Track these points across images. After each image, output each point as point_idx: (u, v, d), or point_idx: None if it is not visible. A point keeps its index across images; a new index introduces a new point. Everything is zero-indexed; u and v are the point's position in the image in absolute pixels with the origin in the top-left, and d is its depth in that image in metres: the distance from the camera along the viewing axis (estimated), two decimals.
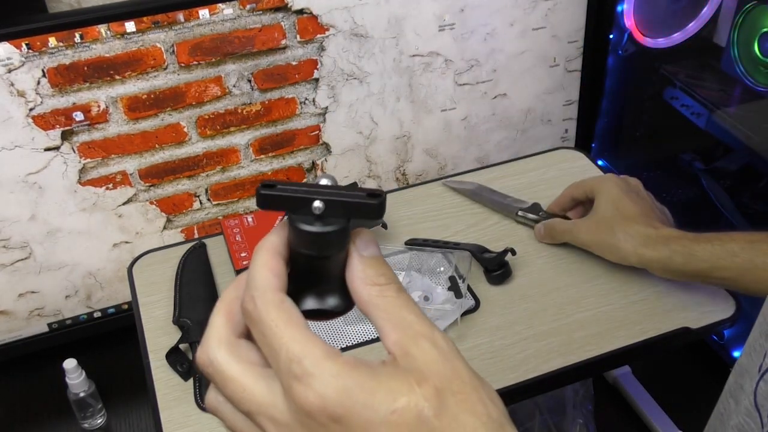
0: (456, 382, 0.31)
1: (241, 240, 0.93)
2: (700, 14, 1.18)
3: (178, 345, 0.81)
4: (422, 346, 0.32)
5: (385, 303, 0.33)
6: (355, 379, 0.30)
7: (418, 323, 0.33)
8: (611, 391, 1.33)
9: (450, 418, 0.30)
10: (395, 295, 0.34)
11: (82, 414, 1.20)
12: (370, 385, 0.30)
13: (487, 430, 0.30)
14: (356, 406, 0.30)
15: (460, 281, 0.86)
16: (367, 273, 0.34)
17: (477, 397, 0.31)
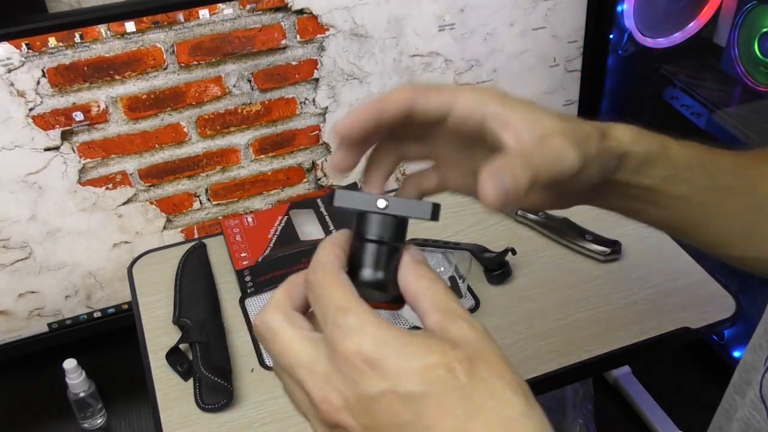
0: (488, 354, 0.34)
1: (241, 240, 0.93)
2: (700, 14, 1.18)
3: (178, 345, 0.81)
4: (460, 324, 0.35)
5: (432, 293, 0.37)
6: (393, 333, 0.33)
7: (460, 310, 0.36)
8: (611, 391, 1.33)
9: (479, 380, 0.32)
10: (443, 288, 0.37)
11: (82, 414, 1.20)
12: (407, 339, 0.33)
13: (514, 394, 0.32)
14: (391, 354, 0.33)
15: (460, 281, 0.86)
16: (418, 271, 0.38)
17: (507, 367, 0.34)
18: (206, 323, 0.83)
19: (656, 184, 0.48)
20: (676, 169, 0.49)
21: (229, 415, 0.76)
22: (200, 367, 0.78)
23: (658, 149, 0.48)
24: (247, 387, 0.79)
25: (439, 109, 0.43)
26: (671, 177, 0.48)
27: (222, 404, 0.76)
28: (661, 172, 0.48)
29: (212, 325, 0.83)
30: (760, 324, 0.45)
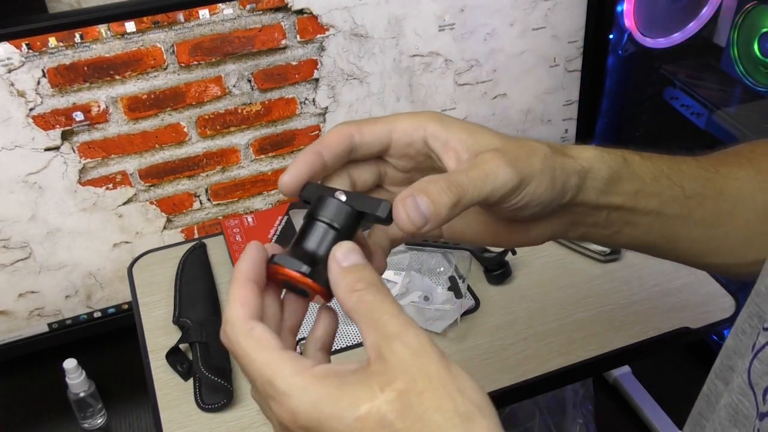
0: (422, 382, 0.33)
1: (241, 240, 0.93)
2: (700, 14, 1.18)
3: (178, 345, 0.81)
4: (393, 347, 0.34)
5: (363, 308, 0.36)
6: (322, 392, 0.33)
7: (392, 323, 0.35)
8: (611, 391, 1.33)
9: (414, 418, 0.32)
10: (372, 299, 0.36)
11: (82, 414, 1.20)
12: (336, 395, 0.33)
13: (452, 426, 0.32)
14: (324, 417, 0.32)
15: (460, 281, 0.86)
16: (346, 281, 0.37)
17: (444, 393, 0.32)
18: (206, 323, 0.83)
19: (627, 201, 0.47)
20: (643, 183, 0.47)
21: (229, 415, 0.76)
22: (200, 367, 0.78)
23: (622, 164, 0.47)
24: (247, 387, 0.78)
25: (377, 140, 0.43)
26: (641, 191, 0.47)
27: (222, 404, 0.76)
28: (629, 187, 0.47)
29: (212, 325, 0.83)
30: (744, 308, 0.44)
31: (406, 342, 0.34)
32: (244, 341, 0.36)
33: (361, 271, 0.38)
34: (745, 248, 0.51)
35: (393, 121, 0.43)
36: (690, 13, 1.19)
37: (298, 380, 0.34)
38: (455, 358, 0.80)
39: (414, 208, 0.37)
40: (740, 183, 0.51)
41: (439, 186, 0.38)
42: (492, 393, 0.76)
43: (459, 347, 0.81)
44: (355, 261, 0.38)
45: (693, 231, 0.50)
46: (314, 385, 0.33)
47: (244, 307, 0.37)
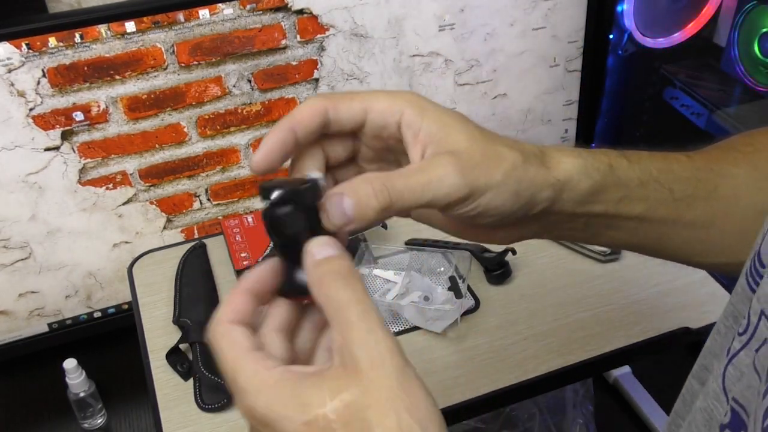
0: (371, 395, 0.33)
1: (241, 240, 0.93)
2: (700, 14, 1.18)
3: (178, 345, 0.81)
4: (354, 354, 0.34)
5: (332, 306, 0.36)
6: (278, 391, 0.35)
7: (357, 327, 0.35)
8: (611, 391, 1.33)
9: (357, 430, 0.33)
10: (341, 296, 0.36)
11: (82, 414, 1.20)
12: (287, 398, 0.34)
13: None
14: (276, 417, 0.34)
15: (460, 281, 0.86)
16: (317, 274, 0.37)
17: (390, 409, 0.33)
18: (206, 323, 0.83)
19: (610, 209, 0.45)
20: (628, 189, 0.46)
21: (229, 415, 0.76)
22: (200, 367, 0.78)
23: (607, 173, 0.45)
24: None
25: (352, 118, 0.41)
26: (625, 198, 0.46)
27: (222, 404, 0.76)
28: (612, 195, 0.45)
29: None
30: (725, 308, 0.43)
31: (367, 350, 0.34)
32: (220, 340, 0.38)
33: (333, 262, 0.37)
34: (741, 247, 0.48)
35: (370, 100, 0.41)
36: (690, 13, 1.19)
37: (256, 381, 0.35)
38: (455, 358, 0.80)
39: (337, 208, 0.37)
40: (735, 181, 0.49)
41: (370, 188, 0.38)
42: (492, 393, 0.76)
43: (459, 347, 0.81)
44: (327, 253, 0.37)
45: (682, 232, 0.48)
46: (271, 385, 0.35)
47: (231, 312, 0.38)
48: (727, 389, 0.40)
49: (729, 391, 0.40)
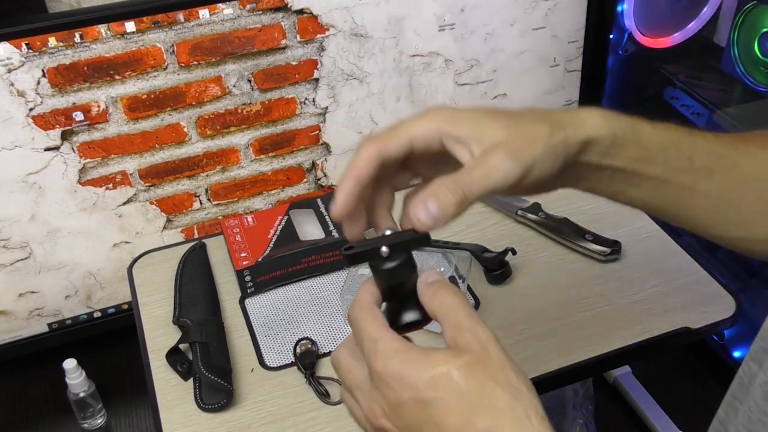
0: (485, 360, 0.42)
1: (241, 240, 0.93)
2: (700, 14, 1.18)
3: (178, 345, 0.81)
4: (465, 337, 0.43)
5: (443, 309, 0.45)
6: (410, 354, 0.43)
7: (466, 321, 0.44)
8: (611, 391, 1.33)
9: (476, 383, 0.41)
10: (450, 301, 0.45)
11: (82, 414, 1.20)
12: (419, 359, 0.42)
13: (504, 392, 0.41)
14: (410, 370, 0.42)
15: (460, 281, 0.86)
16: (430, 291, 0.46)
17: (501, 370, 0.42)
18: (206, 323, 0.83)
19: (629, 166, 0.50)
20: (648, 151, 0.50)
21: (229, 415, 0.76)
22: (200, 367, 0.78)
23: (629, 131, 0.50)
24: (247, 387, 0.79)
25: (402, 149, 0.48)
26: (644, 158, 0.50)
27: (222, 404, 0.76)
28: (632, 153, 0.50)
29: (212, 325, 0.83)
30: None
31: (475, 334, 0.43)
32: (365, 314, 0.46)
33: (440, 282, 0.47)
34: (756, 225, 0.52)
35: (410, 128, 0.48)
36: (690, 13, 1.19)
37: (395, 344, 0.43)
38: None
39: (424, 211, 0.45)
40: (757, 162, 0.52)
41: (445, 188, 0.45)
42: None
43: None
44: (435, 278, 0.47)
45: (699, 201, 0.52)
46: (405, 349, 0.43)
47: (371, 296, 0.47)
48: None
49: None
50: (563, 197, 1.01)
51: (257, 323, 0.86)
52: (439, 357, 0.42)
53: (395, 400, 0.42)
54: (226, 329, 0.85)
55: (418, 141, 0.48)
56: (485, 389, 0.41)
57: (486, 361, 0.42)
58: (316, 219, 0.96)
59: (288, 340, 0.83)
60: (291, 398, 0.77)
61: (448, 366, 0.41)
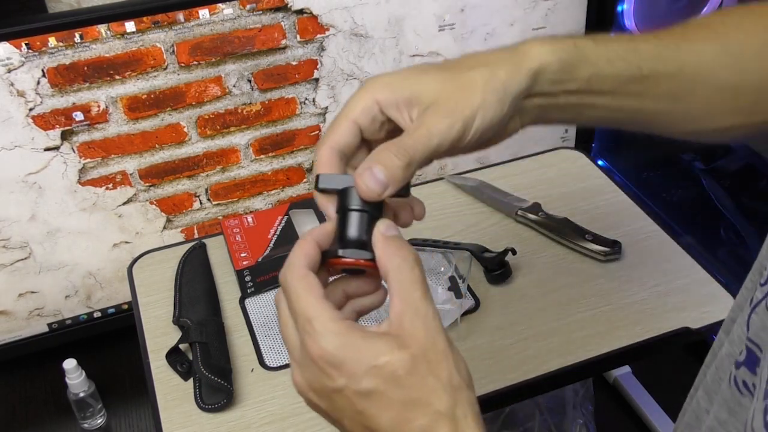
0: (430, 353, 0.40)
1: (241, 240, 0.93)
2: (700, 14, 1.18)
3: (178, 345, 0.81)
4: (414, 322, 0.40)
5: (399, 278, 0.42)
6: (350, 338, 0.40)
7: (419, 303, 0.41)
8: (611, 391, 1.33)
9: (418, 377, 0.39)
10: (408, 274, 0.42)
11: (82, 414, 1.20)
12: (361, 344, 0.40)
13: (444, 391, 0.40)
14: (347, 359, 0.39)
15: (460, 281, 0.86)
16: (389, 249, 0.43)
17: (444, 366, 0.40)
18: (206, 323, 0.83)
19: (582, 86, 0.49)
20: (597, 67, 0.49)
21: (229, 415, 0.76)
22: (200, 367, 0.78)
23: (573, 52, 0.48)
24: (247, 387, 0.79)
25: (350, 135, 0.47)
26: (594, 75, 0.49)
27: (222, 404, 0.76)
28: (582, 73, 0.49)
29: (212, 325, 0.83)
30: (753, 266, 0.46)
31: (425, 321, 0.41)
32: (297, 283, 0.42)
33: (401, 246, 0.43)
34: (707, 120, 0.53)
35: (349, 111, 0.47)
36: (690, 13, 1.19)
37: (332, 325, 0.40)
38: None
39: (372, 179, 0.43)
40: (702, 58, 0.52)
41: (390, 152, 0.44)
42: (492, 393, 0.76)
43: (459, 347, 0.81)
44: (395, 233, 0.44)
45: (652, 106, 0.52)
46: (344, 332, 0.40)
47: (305, 257, 0.43)
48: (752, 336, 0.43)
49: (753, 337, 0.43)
50: (563, 197, 1.01)
51: (257, 323, 0.86)
52: (381, 346, 0.40)
53: (330, 385, 0.40)
54: (226, 329, 0.85)
55: (361, 120, 0.47)
56: (426, 387, 0.39)
57: (431, 355, 0.40)
58: (316, 219, 0.96)
59: None
60: (291, 398, 0.77)
61: (392, 357, 0.39)
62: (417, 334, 0.40)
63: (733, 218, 1.20)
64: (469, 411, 0.40)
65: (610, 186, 1.03)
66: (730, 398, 0.45)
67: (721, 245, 1.24)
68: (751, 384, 0.43)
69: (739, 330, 0.45)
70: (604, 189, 1.03)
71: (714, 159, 1.25)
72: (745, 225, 1.18)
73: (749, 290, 0.46)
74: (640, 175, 1.43)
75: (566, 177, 1.05)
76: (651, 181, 1.40)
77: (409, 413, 0.39)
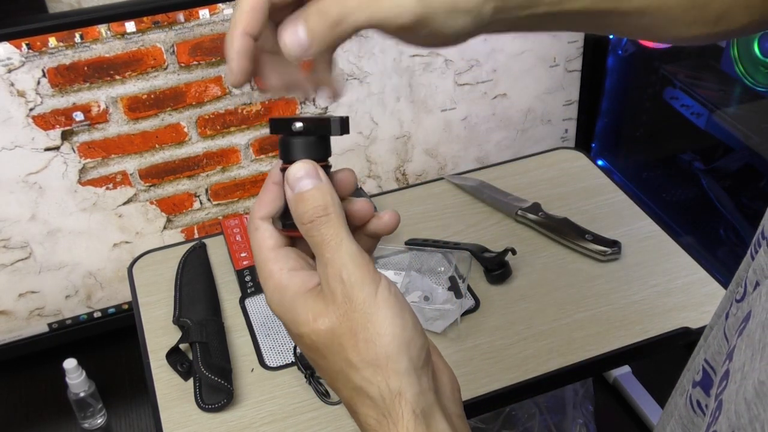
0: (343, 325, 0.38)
1: (241, 240, 0.93)
2: None
3: (178, 345, 0.81)
4: (331, 286, 0.39)
5: (311, 241, 0.40)
6: (280, 300, 0.40)
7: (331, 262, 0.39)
8: (611, 391, 1.33)
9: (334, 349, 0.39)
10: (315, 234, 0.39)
11: (82, 414, 1.20)
12: (288, 308, 0.40)
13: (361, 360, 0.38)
14: (284, 317, 0.41)
15: (460, 281, 0.86)
16: (299, 211, 0.40)
17: (362, 338, 0.38)
18: (206, 323, 0.83)
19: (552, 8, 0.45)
20: None
21: (229, 415, 0.76)
22: (200, 367, 0.78)
23: None
24: (247, 387, 0.79)
25: None
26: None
27: (222, 404, 0.76)
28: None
29: (212, 325, 0.83)
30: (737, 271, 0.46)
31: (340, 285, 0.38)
32: (252, 236, 0.42)
33: (317, 199, 0.39)
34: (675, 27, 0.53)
35: None
36: None
37: (270, 284, 0.41)
38: (455, 358, 0.80)
39: (292, 37, 0.38)
40: None
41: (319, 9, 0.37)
42: (492, 393, 0.76)
43: (459, 347, 0.81)
44: (303, 186, 0.40)
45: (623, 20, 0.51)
46: (280, 290, 0.40)
47: (260, 208, 0.42)
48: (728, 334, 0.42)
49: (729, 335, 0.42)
50: (563, 197, 1.01)
51: (257, 323, 0.86)
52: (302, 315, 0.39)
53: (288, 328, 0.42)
54: (226, 329, 0.85)
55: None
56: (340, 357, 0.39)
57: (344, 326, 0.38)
58: None
59: (288, 340, 0.83)
60: (291, 398, 0.77)
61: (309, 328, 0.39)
62: (335, 299, 0.39)
63: (733, 218, 1.20)
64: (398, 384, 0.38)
65: (610, 186, 1.03)
66: (685, 416, 0.45)
67: (720, 245, 1.24)
68: (704, 405, 0.43)
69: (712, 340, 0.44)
70: (604, 189, 1.03)
71: (714, 159, 1.25)
72: (745, 225, 1.18)
73: (727, 299, 0.45)
74: (640, 175, 1.43)
75: (566, 177, 1.05)
76: (651, 181, 1.40)
77: (337, 383, 0.40)
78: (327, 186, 0.40)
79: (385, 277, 0.40)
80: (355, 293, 0.38)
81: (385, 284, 0.39)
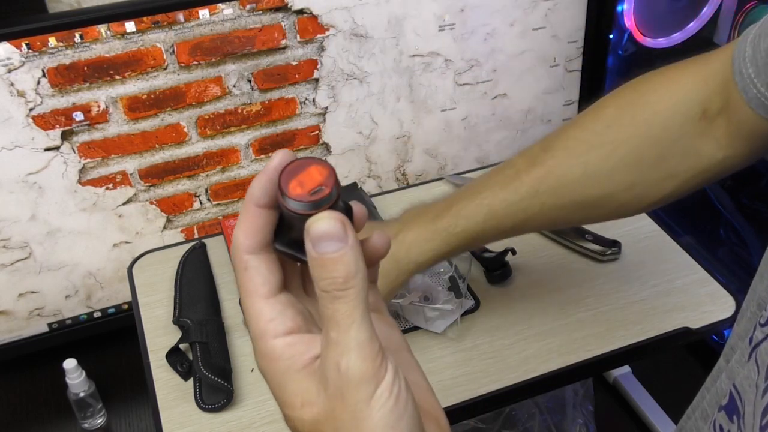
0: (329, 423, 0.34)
1: None
2: (700, 14, 1.18)
3: (178, 345, 0.81)
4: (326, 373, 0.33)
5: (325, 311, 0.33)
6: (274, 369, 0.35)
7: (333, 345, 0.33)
8: (611, 391, 1.33)
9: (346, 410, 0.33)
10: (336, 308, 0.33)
11: (82, 414, 1.20)
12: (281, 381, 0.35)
13: None
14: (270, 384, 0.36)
15: (460, 281, 0.86)
16: (314, 274, 0.33)
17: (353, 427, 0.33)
18: (206, 323, 0.83)
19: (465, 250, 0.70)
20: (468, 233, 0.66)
21: (229, 415, 0.76)
22: (200, 367, 0.78)
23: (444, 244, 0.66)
24: (247, 387, 0.79)
25: None
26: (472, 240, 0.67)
27: (222, 404, 0.76)
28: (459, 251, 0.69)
29: (212, 325, 0.83)
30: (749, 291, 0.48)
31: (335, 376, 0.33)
32: (238, 275, 0.36)
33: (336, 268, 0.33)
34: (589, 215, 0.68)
35: None
36: (690, 13, 1.19)
37: (259, 344, 0.35)
38: (455, 358, 0.80)
39: None
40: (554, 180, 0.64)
41: None
42: (492, 393, 0.76)
43: (459, 347, 0.81)
44: (325, 249, 0.33)
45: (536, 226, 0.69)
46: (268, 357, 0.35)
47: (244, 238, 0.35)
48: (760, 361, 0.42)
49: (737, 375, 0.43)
50: None
51: None
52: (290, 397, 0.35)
53: None
54: (226, 329, 0.85)
55: None
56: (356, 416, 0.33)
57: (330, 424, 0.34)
58: None
59: None
60: None
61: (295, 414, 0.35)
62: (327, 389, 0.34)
63: (733, 218, 1.20)
64: None
65: None
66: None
67: (721, 245, 1.24)
68: (726, 430, 0.43)
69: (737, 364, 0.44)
70: None
71: None
72: (745, 225, 1.18)
73: (750, 321, 0.45)
74: None
75: None
76: None
77: None
78: (352, 254, 0.33)
79: (392, 370, 0.34)
80: (349, 392, 0.33)
81: (386, 385, 0.33)
